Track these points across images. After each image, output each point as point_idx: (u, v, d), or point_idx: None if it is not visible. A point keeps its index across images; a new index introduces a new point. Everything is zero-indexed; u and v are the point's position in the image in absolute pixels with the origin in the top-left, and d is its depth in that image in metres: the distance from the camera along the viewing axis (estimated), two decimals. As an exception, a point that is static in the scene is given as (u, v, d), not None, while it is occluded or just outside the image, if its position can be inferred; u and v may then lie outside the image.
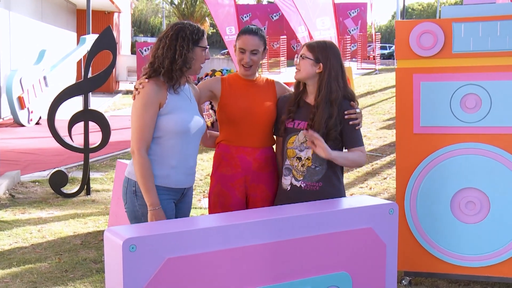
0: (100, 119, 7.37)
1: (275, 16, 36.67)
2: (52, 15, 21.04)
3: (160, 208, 3.00)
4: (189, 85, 3.28)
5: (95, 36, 7.98)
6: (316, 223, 2.78)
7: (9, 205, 6.76)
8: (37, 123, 14.86)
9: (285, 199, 3.32)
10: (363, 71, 26.24)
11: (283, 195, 3.38)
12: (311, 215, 2.78)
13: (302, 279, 2.74)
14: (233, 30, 11.05)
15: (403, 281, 4.25)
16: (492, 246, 4.06)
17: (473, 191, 4.08)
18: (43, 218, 6.26)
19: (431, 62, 4.10)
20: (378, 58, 28.04)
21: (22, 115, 14.29)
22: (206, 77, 11.74)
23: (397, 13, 20.94)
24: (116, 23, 27.24)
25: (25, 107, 14.35)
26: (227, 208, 3.43)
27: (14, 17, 16.58)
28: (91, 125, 7.39)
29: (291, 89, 3.67)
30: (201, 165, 9.02)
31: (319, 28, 10.87)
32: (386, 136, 10.82)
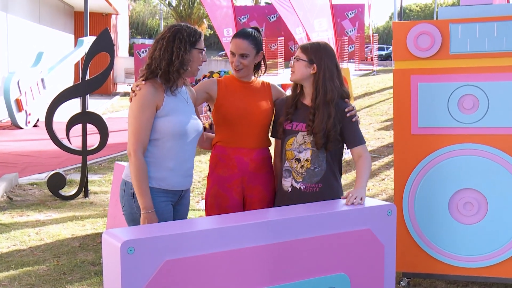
0: (98, 121, 7.37)
1: (272, 17, 36.67)
2: (49, 17, 21.04)
3: (153, 211, 2.98)
4: (186, 87, 3.29)
5: (93, 38, 7.98)
6: (314, 224, 2.78)
7: (7, 208, 6.75)
8: (35, 126, 14.84)
9: (286, 201, 3.31)
10: (361, 72, 26.27)
11: (284, 197, 3.37)
12: (309, 216, 2.79)
13: (300, 280, 2.74)
14: (230, 31, 11.04)
15: (402, 282, 4.25)
16: (490, 246, 4.06)
17: (471, 192, 4.08)
18: (41, 220, 6.25)
19: (428, 63, 4.10)
20: (375, 59, 28.07)
21: (20, 118, 14.28)
22: (204, 78, 11.75)
23: (394, 14, 20.96)
24: (113, 25, 27.23)
25: (23, 109, 14.34)
26: (224, 209, 3.43)
27: (11, 20, 16.57)
28: (89, 127, 7.39)
29: (287, 92, 3.67)
30: (199, 167, 9.01)
31: (316, 29, 10.86)
32: (384, 137, 10.82)
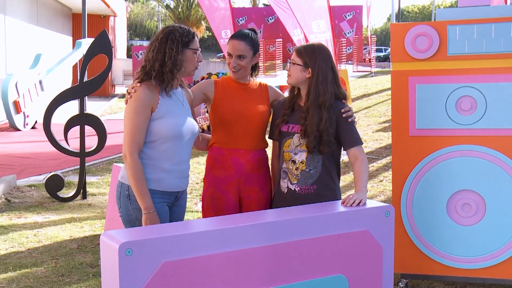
0: (96, 123, 7.37)
1: (270, 19, 36.69)
2: (47, 19, 21.03)
3: (154, 211, 2.99)
4: (182, 89, 3.29)
5: (91, 40, 7.98)
6: (312, 226, 2.78)
7: (5, 210, 6.74)
8: (33, 127, 14.83)
9: (283, 202, 3.33)
10: (359, 74, 26.29)
11: (280, 198, 3.38)
12: (308, 218, 2.79)
13: (298, 282, 2.74)
14: (228, 33, 11.05)
15: (400, 284, 4.25)
16: (488, 247, 4.07)
17: (469, 193, 4.08)
18: (39, 222, 6.24)
19: (426, 64, 4.11)
20: (373, 60, 28.09)
21: (18, 120, 14.27)
22: (202, 80, 11.74)
23: (392, 16, 20.96)
24: (111, 27, 27.23)
25: (21, 111, 14.33)
26: (220, 210, 3.43)
27: (9, 21, 16.56)
28: (87, 129, 7.39)
29: (285, 93, 3.67)
30: (197, 168, 9.01)
31: (314, 31, 10.86)
32: (382, 138, 10.83)
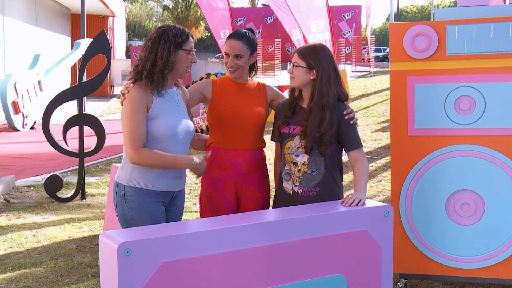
0: (95, 123, 7.36)
1: (269, 19, 36.71)
2: (46, 20, 21.01)
3: (195, 161, 3.03)
4: (178, 88, 3.27)
5: (90, 40, 7.98)
6: (311, 225, 2.78)
7: (4, 210, 6.73)
8: (32, 128, 14.83)
9: (287, 203, 3.29)
10: (358, 74, 26.31)
11: (285, 200, 3.34)
12: (306, 217, 2.79)
13: (297, 282, 2.74)
14: (227, 33, 11.07)
15: (399, 283, 4.25)
16: (487, 247, 4.07)
17: (468, 193, 4.09)
18: (38, 222, 6.24)
19: (425, 64, 4.11)
20: (372, 60, 28.11)
21: (16, 120, 14.26)
22: (200, 80, 11.73)
23: (391, 16, 20.97)
24: (110, 27, 27.22)
25: (20, 111, 14.32)
26: (218, 211, 3.42)
27: (8, 22, 16.55)
28: (86, 130, 7.38)
29: (285, 93, 3.66)
30: (196, 168, 9.01)
31: (313, 31, 10.87)
32: (381, 138, 10.83)
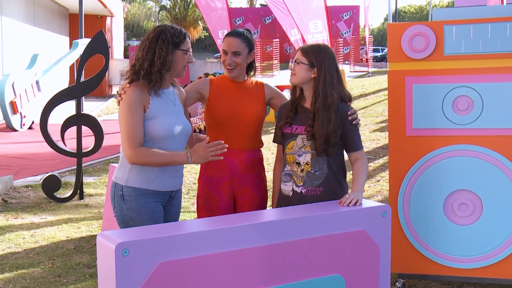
0: (93, 123, 7.36)
1: (268, 19, 36.71)
2: (44, 20, 21.00)
3: (188, 152, 3.01)
4: (174, 88, 3.27)
5: (88, 40, 7.97)
6: (309, 225, 2.78)
7: (2, 210, 6.72)
8: (30, 128, 14.81)
9: (288, 205, 3.22)
10: (356, 74, 26.31)
11: (285, 202, 3.31)
12: (304, 217, 2.78)
13: (295, 282, 2.74)
14: (225, 33, 11.07)
15: (397, 283, 4.25)
16: (485, 247, 4.07)
17: (466, 193, 4.09)
18: (36, 223, 6.23)
19: (423, 64, 4.11)
20: (370, 60, 28.12)
21: (14, 120, 14.25)
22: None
23: (389, 16, 20.98)
24: (108, 27, 27.19)
25: (18, 111, 14.31)
26: (214, 211, 3.42)
27: (6, 22, 16.54)
28: (84, 130, 7.38)
29: (284, 92, 3.65)
30: (194, 168, 9.00)
31: (311, 31, 10.89)
32: (379, 138, 10.84)
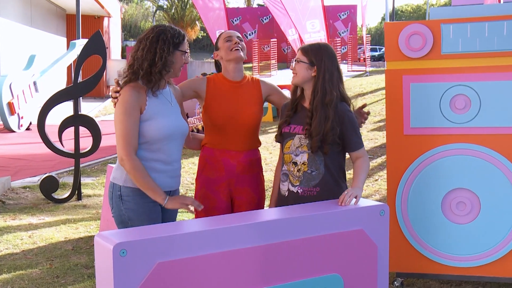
0: (90, 124, 7.36)
1: (265, 19, 36.73)
2: (41, 20, 20.98)
3: (169, 197, 3.01)
4: (170, 87, 3.26)
5: (85, 41, 7.97)
6: (306, 225, 2.77)
7: (0, 211, 6.72)
8: (28, 129, 14.80)
9: (284, 205, 3.24)
10: (354, 73, 26.34)
11: (281, 201, 3.31)
12: (302, 217, 2.78)
13: (293, 281, 2.74)
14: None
15: (395, 282, 4.25)
16: (483, 246, 4.07)
17: (464, 192, 4.09)
18: (34, 224, 6.22)
19: (420, 63, 4.11)
20: (368, 60, 28.15)
21: (12, 121, 14.24)
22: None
23: (386, 15, 20.98)
24: (106, 28, 27.19)
25: (15, 112, 14.30)
26: (212, 211, 3.41)
27: (3, 23, 16.52)
28: (82, 130, 7.37)
29: (286, 93, 3.64)
30: (192, 169, 9.01)
31: (309, 30, 10.89)
32: (377, 137, 10.85)
